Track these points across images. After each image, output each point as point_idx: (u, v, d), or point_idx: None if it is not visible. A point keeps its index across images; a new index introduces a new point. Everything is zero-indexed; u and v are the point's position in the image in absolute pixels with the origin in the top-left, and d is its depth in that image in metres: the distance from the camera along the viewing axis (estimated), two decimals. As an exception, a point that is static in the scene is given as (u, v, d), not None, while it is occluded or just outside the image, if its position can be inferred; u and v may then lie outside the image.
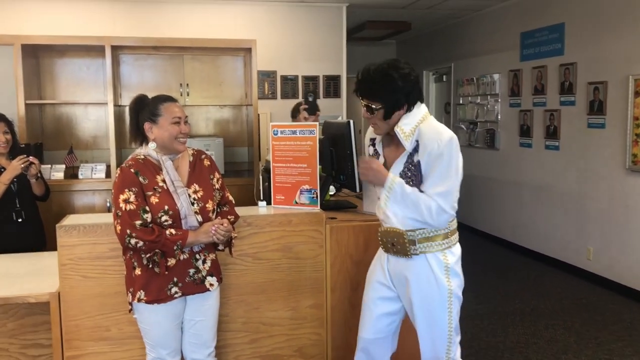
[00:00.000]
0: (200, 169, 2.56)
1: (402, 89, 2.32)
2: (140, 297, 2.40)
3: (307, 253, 2.95)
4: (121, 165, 2.43)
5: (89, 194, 4.79)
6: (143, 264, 2.39)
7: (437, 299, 2.39)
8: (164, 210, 2.36)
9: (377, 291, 2.54)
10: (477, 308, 4.76)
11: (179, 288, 2.43)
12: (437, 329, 2.42)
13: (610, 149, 5.18)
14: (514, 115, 6.60)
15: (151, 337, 2.49)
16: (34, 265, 3.08)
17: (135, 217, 2.31)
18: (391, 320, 2.55)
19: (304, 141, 2.97)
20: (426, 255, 2.38)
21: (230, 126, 5.73)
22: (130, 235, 2.29)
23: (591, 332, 4.26)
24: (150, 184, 2.39)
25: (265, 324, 2.94)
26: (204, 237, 2.42)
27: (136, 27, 5.83)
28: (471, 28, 7.48)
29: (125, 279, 2.50)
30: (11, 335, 2.81)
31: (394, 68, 2.32)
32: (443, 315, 2.40)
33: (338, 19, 6.51)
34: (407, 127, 2.35)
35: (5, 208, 3.50)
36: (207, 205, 2.48)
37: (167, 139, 2.43)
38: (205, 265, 2.49)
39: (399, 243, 2.40)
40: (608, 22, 5.16)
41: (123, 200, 2.32)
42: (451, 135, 2.31)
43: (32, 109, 4.94)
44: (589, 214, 5.49)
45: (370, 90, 2.36)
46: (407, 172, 2.36)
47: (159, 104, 2.47)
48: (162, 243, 2.33)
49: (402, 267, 2.44)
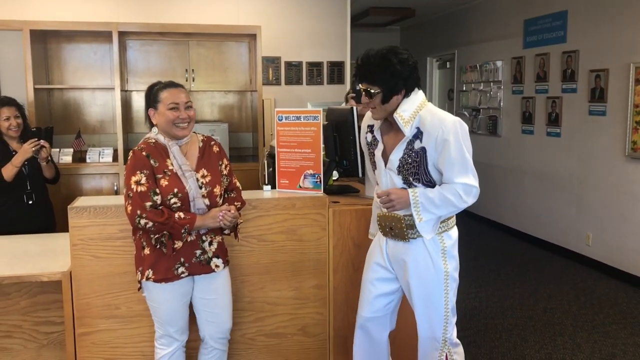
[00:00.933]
0: (210, 155, 2.63)
1: (400, 73, 2.36)
2: (148, 276, 2.49)
3: (311, 235, 3.04)
4: (134, 148, 2.51)
5: (97, 178, 4.87)
6: (152, 244, 2.48)
7: (434, 281, 2.46)
8: (173, 193, 2.45)
9: (375, 272, 2.62)
10: (476, 291, 4.85)
11: (186, 268, 2.52)
12: (434, 310, 2.50)
13: (610, 136, 5.23)
14: (517, 102, 6.65)
15: (159, 315, 2.58)
16: (46, 245, 3.17)
17: (145, 199, 2.39)
18: (389, 300, 2.64)
19: (308, 127, 3.04)
20: (423, 238, 2.45)
21: (234, 112, 5.80)
22: (141, 216, 2.37)
23: (587, 316, 4.35)
24: (160, 167, 2.47)
25: (270, 304, 3.04)
26: (211, 221, 2.51)
27: (142, 13, 5.87)
28: (475, 15, 7.50)
29: (135, 258, 2.59)
30: (24, 312, 2.91)
31: (392, 53, 2.37)
32: (440, 296, 2.48)
33: (342, 5, 6.54)
34: (406, 114, 2.40)
35: (17, 190, 3.59)
36: (214, 190, 2.55)
37: (165, 124, 2.50)
38: (211, 247, 2.58)
39: (397, 227, 2.47)
40: (610, 10, 5.19)
41: (134, 182, 2.41)
42: (454, 119, 2.36)
43: (41, 94, 5.01)
44: (589, 200, 5.56)
45: (369, 73, 2.39)
46: (408, 158, 2.41)
47: (159, 90, 2.54)
48: (171, 225, 2.41)
49: (400, 251, 2.51)
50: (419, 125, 2.39)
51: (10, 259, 2.90)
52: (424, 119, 2.38)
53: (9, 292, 2.88)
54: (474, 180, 2.38)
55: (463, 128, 2.38)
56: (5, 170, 3.49)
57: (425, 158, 2.38)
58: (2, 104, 3.60)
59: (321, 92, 6.58)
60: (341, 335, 3.11)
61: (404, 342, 2.97)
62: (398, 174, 2.45)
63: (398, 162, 2.43)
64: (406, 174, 2.43)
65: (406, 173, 2.43)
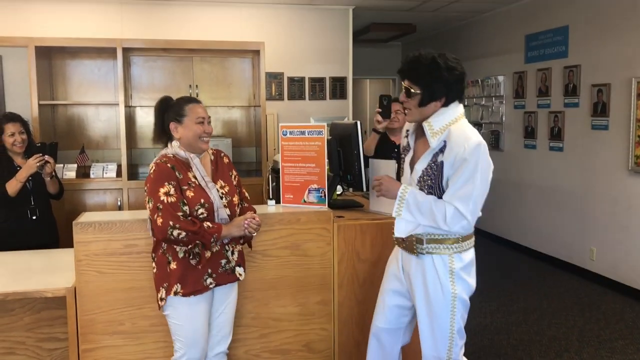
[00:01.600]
0: (222, 167, 2.69)
1: (445, 80, 2.29)
2: (176, 291, 2.47)
3: (315, 250, 3.03)
4: (155, 162, 2.51)
5: (100, 193, 4.88)
6: (179, 258, 2.48)
7: (440, 301, 2.40)
8: (200, 204, 2.47)
9: (391, 283, 2.60)
10: (480, 306, 4.82)
11: (213, 279, 2.53)
12: (438, 330, 2.43)
13: (613, 150, 5.24)
14: (519, 117, 6.67)
15: (184, 333, 2.54)
16: (50, 261, 3.17)
17: (177, 209, 2.40)
18: (402, 313, 2.59)
19: (313, 141, 3.05)
20: (432, 256, 2.39)
21: (238, 127, 5.82)
22: (174, 226, 2.36)
23: (593, 331, 4.32)
24: (184, 179, 2.49)
25: (274, 320, 3.02)
26: (236, 230, 2.54)
27: (146, 29, 5.93)
28: (476, 30, 7.54)
29: (156, 277, 2.54)
30: (28, 329, 2.90)
31: (442, 58, 2.30)
32: (445, 317, 2.41)
33: (344, 21, 6.59)
34: (437, 125, 2.33)
35: (21, 206, 3.59)
36: (233, 199, 2.61)
37: (192, 137, 2.54)
38: (233, 256, 2.61)
39: (408, 240, 2.44)
40: (612, 25, 5.22)
41: (164, 193, 2.40)
42: (479, 141, 2.27)
43: (45, 110, 5.04)
44: (593, 214, 5.55)
45: (414, 72, 2.34)
46: (429, 170, 2.35)
47: (184, 104, 2.58)
48: (202, 235, 2.42)
49: (410, 265, 2.48)
50: (445, 139, 2.32)
51: (14, 275, 2.89)
52: (452, 134, 2.30)
53: (13, 308, 2.87)
54: (470, 213, 2.27)
55: (485, 156, 2.29)
56: (10, 185, 3.49)
57: (442, 173, 2.32)
58: (7, 120, 3.61)
59: (324, 107, 6.62)
60: (346, 352, 3.09)
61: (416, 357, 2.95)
62: (417, 184, 2.39)
63: (421, 173, 2.38)
64: (423, 185, 2.38)
65: (423, 184, 2.37)
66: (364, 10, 6.76)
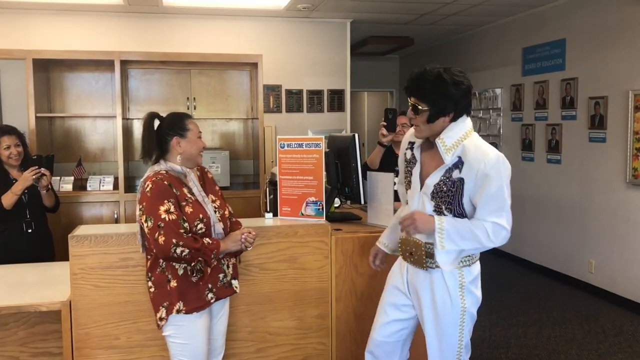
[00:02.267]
0: (209, 182, 2.69)
1: (452, 95, 2.28)
2: (179, 309, 2.43)
3: (313, 264, 3.01)
4: (151, 179, 2.44)
5: (97, 206, 4.86)
6: (179, 275, 2.44)
7: (449, 315, 2.37)
8: (199, 219, 2.45)
9: (392, 296, 2.55)
10: (479, 320, 4.75)
11: (214, 293, 2.52)
12: (446, 345, 2.40)
13: (611, 162, 5.24)
14: (516, 130, 6.67)
15: (191, 351, 2.50)
16: (45, 274, 3.14)
17: (179, 227, 2.37)
18: (401, 327, 2.55)
19: (310, 154, 3.04)
20: (442, 270, 2.36)
21: (236, 139, 5.81)
22: (177, 244, 2.33)
23: (592, 344, 4.29)
24: (181, 195, 2.47)
25: (271, 334, 2.99)
26: (233, 245, 2.53)
27: (144, 41, 5.93)
28: (474, 43, 7.58)
29: (154, 297, 2.49)
30: (22, 343, 2.86)
31: (448, 73, 2.30)
32: (454, 332, 2.39)
33: (342, 34, 6.62)
34: (450, 141, 2.31)
35: (16, 219, 3.57)
36: (225, 213, 2.61)
37: (195, 152, 2.55)
38: (229, 270, 2.61)
39: (417, 254, 2.40)
40: (608, 38, 5.25)
41: (164, 211, 2.37)
42: (497, 154, 2.26)
43: (42, 122, 5.03)
44: (591, 227, 5.54)
45: (420, 89, 2.32)
46: (443, 186, 2.32)
47: (185, 119, 2.58)
48: (204, 251, 2.41)
49: (418, 279, 2.43)
50: (460, 155, 2.29)
51: (8, 288, 2.87)
52: (467, 150, 2.28)
53: (7, 322, 2.83)
54: (507, 223, 2.27)
55: (506, 166, 2.28)
56: (5, 198, 3.48)
57: (462, 189, 2.29)
58: (3, 132, 3.60)
59: (322, 119, 6.62)
60: (344, 366, 3.06)
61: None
62: (431, 200, 2.35)
63: (433, 188, 2.34)
64: (439, 201, 2.34)
65: (439, 200, 2.33)
66: (362, 23, 6.79)
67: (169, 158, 2.54)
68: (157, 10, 5.85)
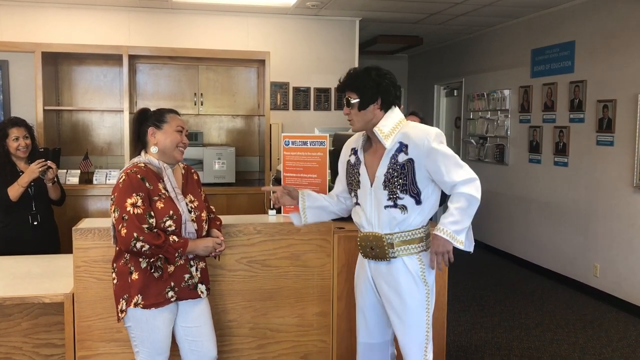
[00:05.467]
0: (192, 182, 2.68)
1: (377, 83, 2.46)
2: (137, 302, 2.43)
3: (315, 261, 3.02)
4: (125, 171, 2.48)
5: (103, 199, 4.88)
6: (141, 268, 2.45)
7: (416, 299, 2.48)
8: (168, 215, 2.45)
9: (366, 298, 2.63)
10: (482, 321, 4.78)
11: (175, 292, 2.50)
12: (415, 328, 2.49)
13: (618, 166, 5.21)
14: (524, 131, 6.65)
15: (150, 344, 2.50)
16: (49, 266, 3.16)
17: (142, 221, 2.38)
18: (384, 326, 2.63)
19: (315, 152, 3.04)
20: (403, 258, 2.48)
21: (242, 136, 5.82)
22: (137, 238, 2.35)
23: (596, 348, 4.27)
24: (155, 190, 2.47)
25: (272, 330, 3.00)
26: (203, 250, 2.54)
27: (152, 36, 5.95)
28: (482, 44, 7.55)
29: (116, 288, 2.50)
30: (25, 334, 2.89)
31: (373, 68, 2.51)
32: (421, 314, 2.49)
33: (351, 33, 6.61)
34: (386, 128, 2.48)
35: (22, 211, 3.59)
36: (202, 215, 2.59)
37: (170, 144, 2.53)
38: (197, 272, 2.58)
39: (378, 247, 2.49)
40: (618, 41, 5.21)
41: (131, 204, 2.38)
42: (436, 130, 2.45)
43: (50, 115, 5.06)
44: (597, 230, 5.51)
45: (349, 82, 2.50)
46: (393, 172, 2.44)
47: (165, 113, 2.60)
48: (166, 249, 2.40)
49: (381, 272, 2.52)
50: (401, 140, 2.45)
51: (12, 280, 2.89)
52: (407, 133, 2.45)
53: (11, 313, 2.86)
54: (471, 171, 2.41)
55: (443, 137, 2.47)
56: (12, 189, 3.50)
57: (413, 169, 2.42)
58: (12, 124, 3.62)
59: (329, 117, 6.62)
60: (344, 364, 3.06)
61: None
62: (384, 189, 2.46)
63: (383, 177, 2.46)
64: (392, 187, 2.44)
65: (392, 187, 2.44)
66: (371, 22, 6.78)
67: (148, 151, 2.56)
68: (166, 6, 5.86)
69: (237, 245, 2.92)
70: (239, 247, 2.93)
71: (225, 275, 2.93)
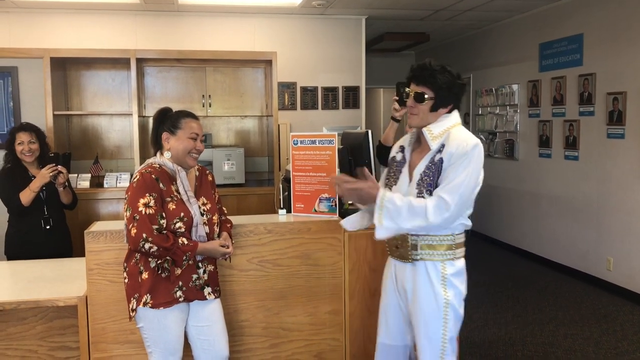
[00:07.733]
0: (206, 184, 2.68)
1: (455, 87, 2.40)
2: (146, 301, 2.45)
3: (326, 260, 3.02)
4: (140, 171, 2.50)
5: (114, 203, 4.91)
6: (150, 268, 2.47)
7: (432, 307, 2.37)
8: (179, 217, 2.46)
9: (390, 298, 2.56)
10: (495, 317, 4.76)
11: (183, 292, 2.51)
12: (430, 337, 2.39)
13: (629, 159, 5.17)
14: (533, 126, 6.61)
15: (162, 344, 2.51)
16: (62, 270, 3.18)
17: (153, 222, 2.39)
18: (407, 330, 2.53)
19: (323, 151, 3.04)
20: (425, 262, 2.38)
21: (251, 136, 5.83)
22: (146, 239, 2.36)
23: (611, 342, 4.24)
24: (167, 191, 2.48)
25: (285, 329, 3.01)
26: (211, 254, 2.56)
27: (159, 39, 5.98)
28: (490, 39, 7.51)
29: (128, 287, 2.53)
30: (40, 337, 2.91)
31: (451, 69, 2.43)
32: (438, 324, 2.37)
33: (357, 31, 6.60)
34: (437, 130, 2.39)
35: (34, 215, 3.62)
36: (213, 218, 2.60)
37: (182, 151, 2.53)
38: (204, 274, 2.58)
39: (402, 246, 2.43)
40: (626, 33, 5.17)
41: (143, 204, 2.40)
42: (476, 142, 2.33)
43: (60, 120, 5.09)
44: (609, 224, 5.47)
45: (431, 77, 2.38)
46: (427, 170, 2.37)
47: (181, 117, 2.59)
48: (174, 251, 2.41)
49: (404, 273, 2.46)
50: (444, 142, 2.37)
51: (27, 284, 2.91)
52: (451, 135, 2.36)
53: (26, 316, 2.88)
54: (454, 205, 2.25)
55: (480, 155, 2.33)
56: (23, 195, 3.52)
57: (439, 169, 2.34)
58: (19, 129, 3.66)
59: (337, 116, 6.62)
60: (357, 362, 3.06)
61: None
62: (416, 188, 2.38)
63: (419, 176, 2.38)
64: (422, 187, 2.37)
65: (421, 186, 2.37)
66: (377, 20, 6.77)
67: (163, 154, 2.57)
68: (172, 9, 5.88)
69: (248, 245, 2.93)
70: (250, 247, 2.94)
71: (237, 275, 2.93)
